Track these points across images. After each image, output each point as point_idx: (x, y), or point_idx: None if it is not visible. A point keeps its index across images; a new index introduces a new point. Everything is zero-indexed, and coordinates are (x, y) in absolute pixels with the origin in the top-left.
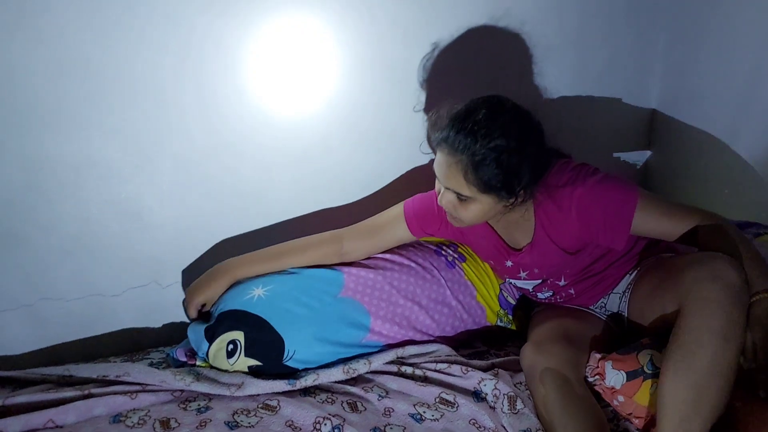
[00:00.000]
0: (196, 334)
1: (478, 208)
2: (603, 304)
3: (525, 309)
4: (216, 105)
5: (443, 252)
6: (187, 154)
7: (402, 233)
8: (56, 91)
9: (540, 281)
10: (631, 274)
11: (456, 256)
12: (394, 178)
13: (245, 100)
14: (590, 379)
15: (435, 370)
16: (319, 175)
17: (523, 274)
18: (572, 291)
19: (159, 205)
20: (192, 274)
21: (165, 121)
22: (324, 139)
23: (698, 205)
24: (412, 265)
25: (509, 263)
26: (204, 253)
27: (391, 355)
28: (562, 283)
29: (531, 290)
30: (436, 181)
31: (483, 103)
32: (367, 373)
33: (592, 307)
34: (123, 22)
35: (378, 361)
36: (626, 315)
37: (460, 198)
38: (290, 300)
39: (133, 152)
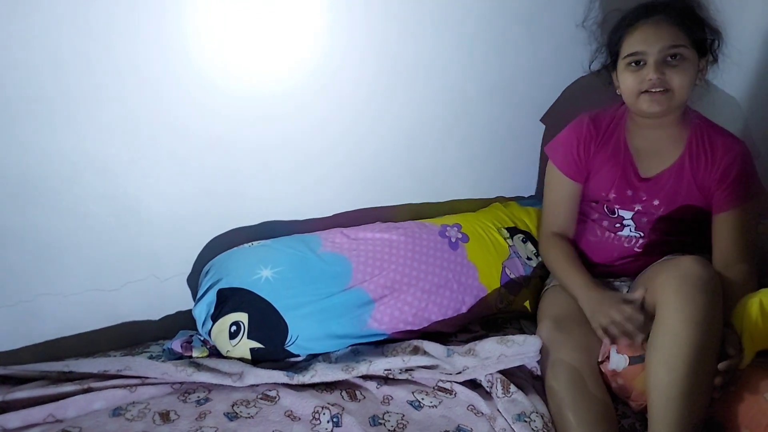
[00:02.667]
0: (202, 312)
1: (687, 68)
2: (627, 285)
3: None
4: (210, 97)
5: (447, 233)
6: (182, 148)
7: (570, 188)
8: (51, 86)
9: (640, 212)
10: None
11: (460, 236)
12: (395, 168)
13: (239, 92)
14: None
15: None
16: (318, 166)
17: (638, 206)
18: (656, 236)
19: (155, 199)
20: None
21: (159, 114)
22: (322, 129)
23: None
24: (417, 248)
25: (630, 192)
26: (203, 248)
27: (398, 362)
28: (657, 219)
29: (625, 221)
30: (632, 75)
31: None
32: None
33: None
34: (116, 16)
35: (380, 366)
36: None
37: (670, 64)
38: (297, 285)
39: (129, 146)
